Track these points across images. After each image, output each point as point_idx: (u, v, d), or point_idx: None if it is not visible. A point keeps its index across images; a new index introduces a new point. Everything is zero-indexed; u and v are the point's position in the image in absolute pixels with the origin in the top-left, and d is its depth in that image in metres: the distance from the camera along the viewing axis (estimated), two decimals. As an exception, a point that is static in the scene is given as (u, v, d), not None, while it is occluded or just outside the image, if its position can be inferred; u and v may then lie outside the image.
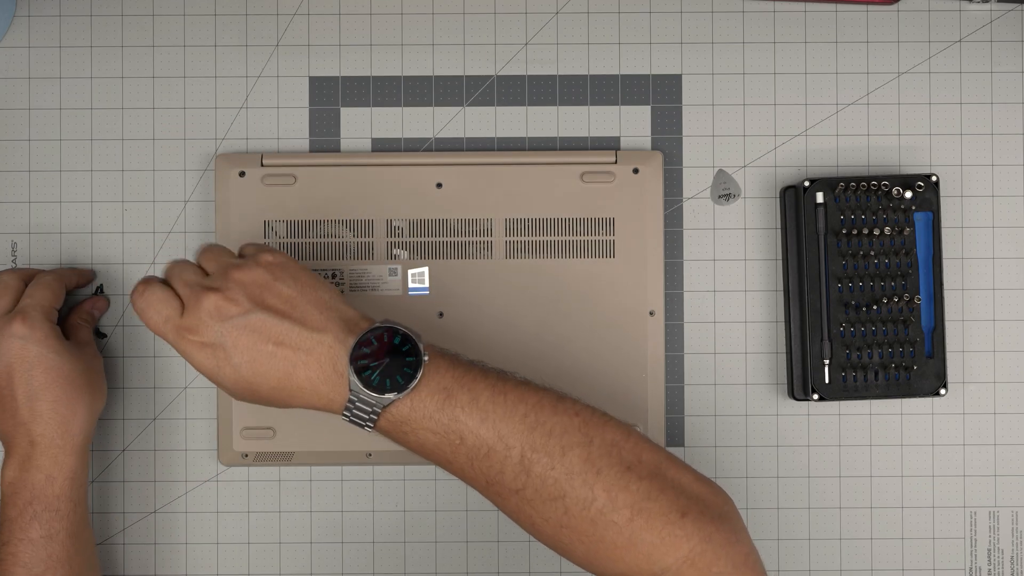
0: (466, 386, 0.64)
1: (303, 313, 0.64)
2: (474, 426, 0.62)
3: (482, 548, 0.81)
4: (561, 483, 0.62)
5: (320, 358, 0.63)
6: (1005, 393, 0.81)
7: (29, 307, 0.73)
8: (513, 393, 0.64)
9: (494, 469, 0.63)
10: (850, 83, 0.82)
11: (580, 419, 0.64)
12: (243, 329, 0.63)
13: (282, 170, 0.80)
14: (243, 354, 0.63)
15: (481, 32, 0.82)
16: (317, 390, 0.64)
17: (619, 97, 0.82)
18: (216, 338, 0.63)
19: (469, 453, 0.63)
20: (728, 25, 0.82)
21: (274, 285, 0.65)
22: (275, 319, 0.63)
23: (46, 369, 0.72)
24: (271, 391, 0.64)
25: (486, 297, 0.79)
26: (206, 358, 0.64)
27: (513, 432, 0.62)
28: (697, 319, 0.81)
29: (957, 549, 0.81)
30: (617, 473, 0.62)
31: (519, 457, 0.62)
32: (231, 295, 0.64)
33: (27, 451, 0.72)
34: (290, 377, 0.63)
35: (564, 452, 0.62)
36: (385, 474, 0.81)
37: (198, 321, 0.63)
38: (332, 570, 0.81)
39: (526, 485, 0.62)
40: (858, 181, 0.78)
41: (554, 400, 0.64)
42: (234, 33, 0.82)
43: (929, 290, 0.79)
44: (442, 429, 0.63)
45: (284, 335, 0.63)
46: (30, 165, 0.81)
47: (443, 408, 0.63)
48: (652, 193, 0.80)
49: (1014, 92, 0.82)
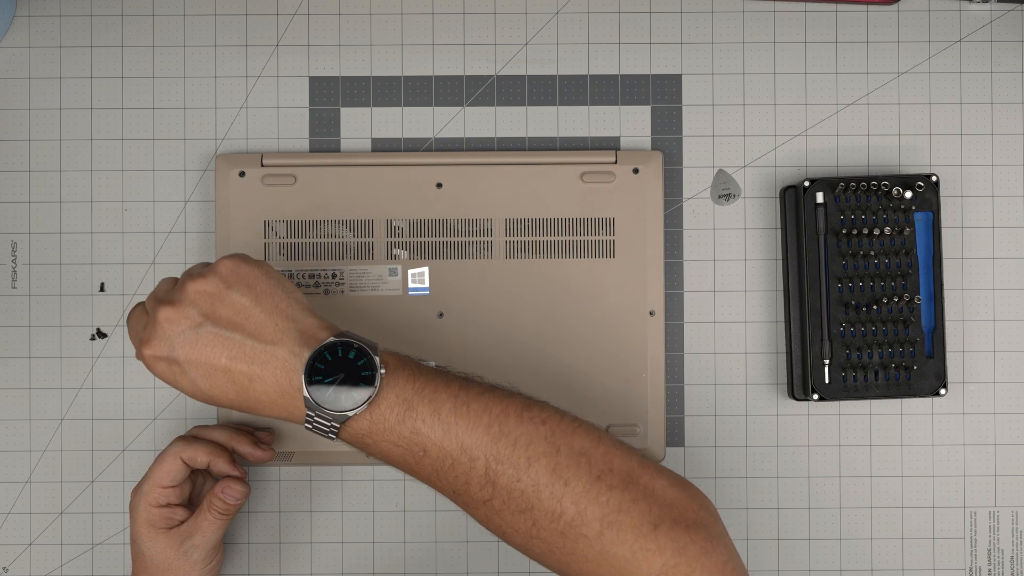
0: (427, 397, 0.62)
1: (256, 324, 0.62)
2: (436, 439, 0.61)
3: (482, 548, 0.81)
4: (528, 495, 0.60)
5: (275, 372, 0.62)
6: (1005, 393, 0.81)
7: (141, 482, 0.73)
8: (476, 402, 0.62)
9: (460, 480, 0.61)
10: (850, 83, 0.82)
11: (547, 427, 0.61)
12: (194, 344, 0.62)
13: (282, 170, 0.80)
14: (197, 369, 0.62)
15: (481, 32, 0.82)
16: (276, 403, 0.63)
17: (619, 97, 0.82)
18: (168, 352, 0.62)
19: (433, 465, 0.61)
20: (728, 25, 0.82)
21: (227, 295, 0.63)
22: (226, 332, 0.62)
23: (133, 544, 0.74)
24: (231, 403, 0.63)
25: (486, 297, 0.79)
26: (163, 371, 0.63)
27: (477, 443, 0.61)
28: (697, 319, 0.81)
29: (957, 549, 0.81)
30: (586, 484, 0.60)
31: (484, 469, 0.60)
32: (182, 308, 0.62)
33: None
34: (247, 391, 0.62)
35: (530, 463, 0.60)
36: (385, 474, 0.81)
37: (152, 334, 0.63)
38: (332, 570, 0.81)
39: (493, 496, 0.61)
40: (858, 181, 0.78)
41: (520, 408, 0.62)
42: (234, 33, 0.82)
43: (929, 290, 0.79)
44: (404, 442, 0.61)
45: (235, 350, 0.62)
46: (30, 165, 0.81)
47: (404, 421, 0.61)
48: (652, 193, 0.80)
49: (1014, 92, 0.82)
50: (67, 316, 0.81)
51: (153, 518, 0.72)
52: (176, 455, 0.72)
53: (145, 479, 0.73)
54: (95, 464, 0.81)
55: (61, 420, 0.81)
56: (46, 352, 0.81)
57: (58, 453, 0.81)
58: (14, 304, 0.81)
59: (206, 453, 0.73)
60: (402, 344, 0.78)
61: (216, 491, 0.73)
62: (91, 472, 0.81)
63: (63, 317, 0.81)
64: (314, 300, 0.79)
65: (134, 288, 0.81)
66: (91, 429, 0.80)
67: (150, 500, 0.72)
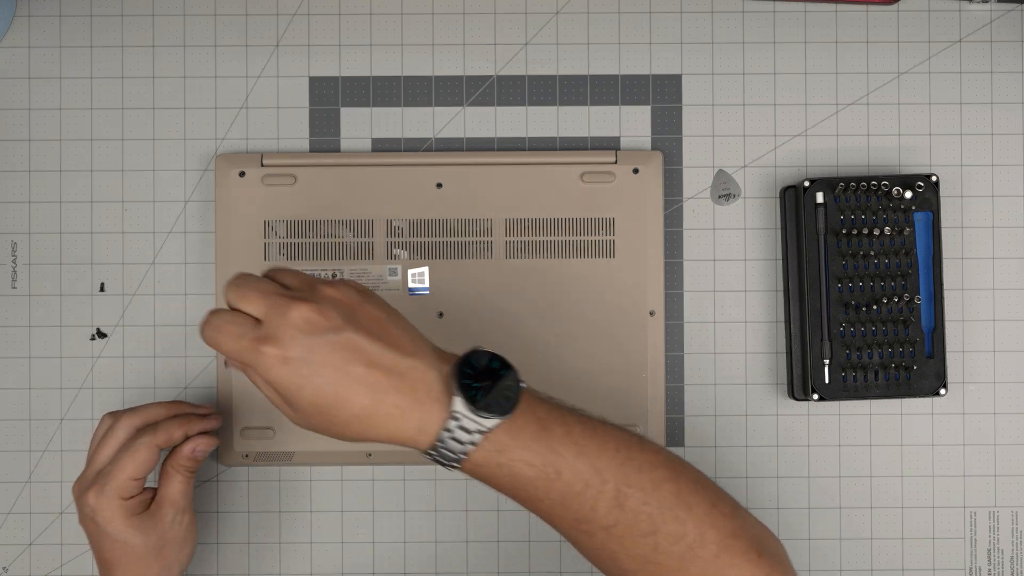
0: (558, 418, 0.61)
1: (393, 337, 0.60)
2: (571, 459, 0.60)
3: (482, 548, 0.81)
4: (654, 518, 0.61)
5: (414, 383, 0.59)
6: (1005, 393, 0.81)
7: (106, 479, 0.70)
8: (601, 428, 0.62)
9: (587, 505, 0.61)
10: (850, 83, 0.82)
11: (663, 456, 0.63)
12: (334, 346, 0.58)
13: (282, 170, 0.80)
14: (330, 374, 0.58)
15: (481, 32, 0.82)
16: (407, 417, 0.59)
17: (619, 97, 0.82)
18: (302, 353, 0.58)
19: (564, 489, 0.60)
20: (728, 25, 0.82)
21: (363, 305, 0.61)
22: (367, 340, 0.59)
23: (111, 547, 0.71)
24: (351, 418, 0.59)
25: (486, 297, 0.79)
26: (287, 375, 0.59)
27: (608, 466, 0.61)
28: (697, 319, 0.81)
29: (957, 549, 0.81)
30: (706, 509, 0.61)
31: (614, 492, 0.60)
32: (323, 309, 0.59)
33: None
34: (378, 403, 0.59)
35: (655, 487, 0.61)
36: (385, 474, 0.81)
37: (283, 332, 0.58)
38: (332, 570, 0.81)
39: (619, 521, 0.61)
40: (858, 181, 0.78)
41: (634, 436, 0.63)
42: (234, 33, 0.82)
43: (929, 290, 0.79)
44: (540, 461, 0.60)
45: (377, 357, 0.59)
46: (30, 165, 0.81)
47: (540, 438, 0.60)
48: (652, 193, 0.80)
49: (1014, 92, 0.82)
50: (67, 316, 0.81)
51: (131, 507, 0.71)
52: (151, 445, 0.71)
53: (109, 477, 0.70)
54: (95, 464, 0.81)
55: (61, 420, 0.81)
56: (46, 352, 0.81)
57: (58, 453, 0.81)
58: (14, 304, 0.81)
59: (178, 427, 0.72)
60: (402, 344, 0.78)
61: (186, 452, 0.72)
62: (91, 472, 0.81)
63: (63, 317, 0.81)
64: (314, 300, 0.79)
65: (134, 288, 0.81)
66: (91, 429, 0.80)
67: (123, 494, 0.71)
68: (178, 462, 0.73)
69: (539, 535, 0.81)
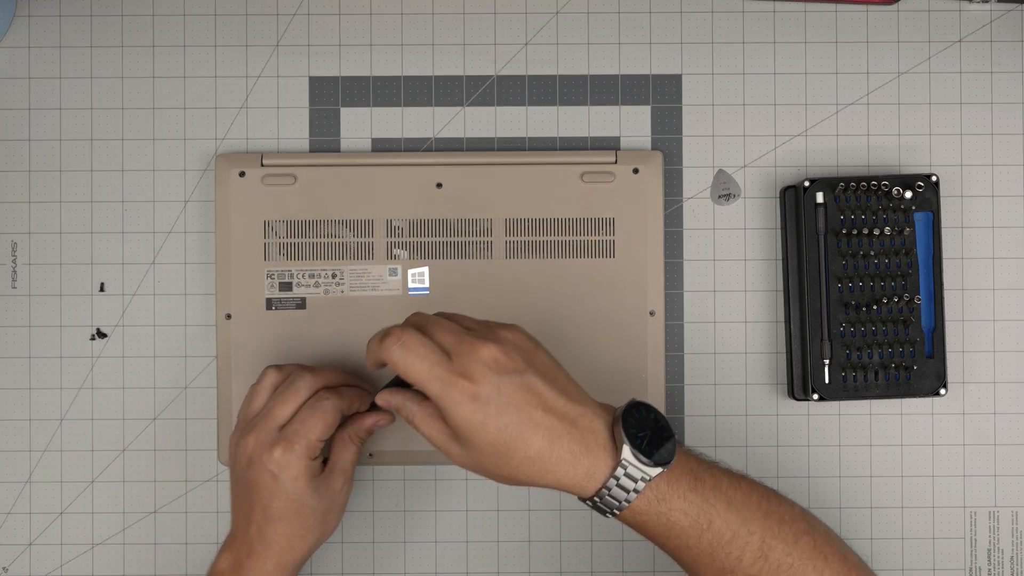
0: (707, 470, 0.64)
1: (563, 384, 0.63)
2: (722, 510, 0.63)
3: (482, 548, 0.81)
4: (796, 569, 0.63)
5: (584, 430, 0.62)
6: (1005, 393, 0.81)
7: (295, 437, 0.69)
8: (743, 483, 0.65)
9: (733, 556, 0.63)
10: (850, 83, 0.82)
11: (799, 510, 0.66)
12: (518, 387, 0.61)
13: (282, 170, 0.80)
14: (513, 414, 0.61)
15: (481, 32, 0.82)
16: (578, 462, 0.62)
17: (619, 97, 0.82)
18: (491, 391, 0.61)
19: (713, 539, 0.63)
20: (728, 25, 0.82)
21: (537, 352, 0.64)
22: (545, 384, 0.62)
23: (285, 505, 0.70)
24: (525, 460, 0.62)
25: (486, 297, 0.79)
26: (473, 411, 0.61)
27: (753, 518, 0.63)
28: (697, 319, 0.81)
29: (957, 549, 0.81)
30: (839, 561, 0.64)
31: (759, 543, 0.63)
32: (507, 350, 0.62)
33: (243, 558, 0.70)
34: (552, 447, 0.61)
35: (796, 539, 0.64)
36: (385, 474, 0.81)
37: (474, 369, 0.61)
38: (332, 570, 0.81)
39: (762, 572, 0.63)
40: (858, 181, 0.78)
41: (772, 490, 0.66)
42: (234, 33, 0.82)
43: (929, 290, 0.79)
44: (695, 511, 0.63)
45: (553, 402, 0.62)
46: (30, 165, 0.81)
47: (695, 488, 0.63)
48: (652, 193, 0.80)
49: (1014, 92, 0.82)
50: (67, 316, 0.81)
51: (315, 469, 0.71)
52: (339, 408, 0.71)
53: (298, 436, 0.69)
54: (95, 464, 0.81)
55: (61, 420, 0.81)
56: (46, 352, 0.81)
57: (58, 453, 0.81)
58: (14, 304, 0.81)
59: (358, 396, 0.72)
60: (402, 344, 0.78)
61: (367, 425, 0.73)
62: (91, 472, 0.81)
63: (63, 317, 0.81)
64: (314, 300, 0.79)
65: (134, 288, 0.81)
66: (91, 429, 0.80)
67: (312, 454, 0.70)
68: (356, 432, 0.73)
69: (539, 535, 0.81)
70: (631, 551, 0.81)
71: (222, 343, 0.79)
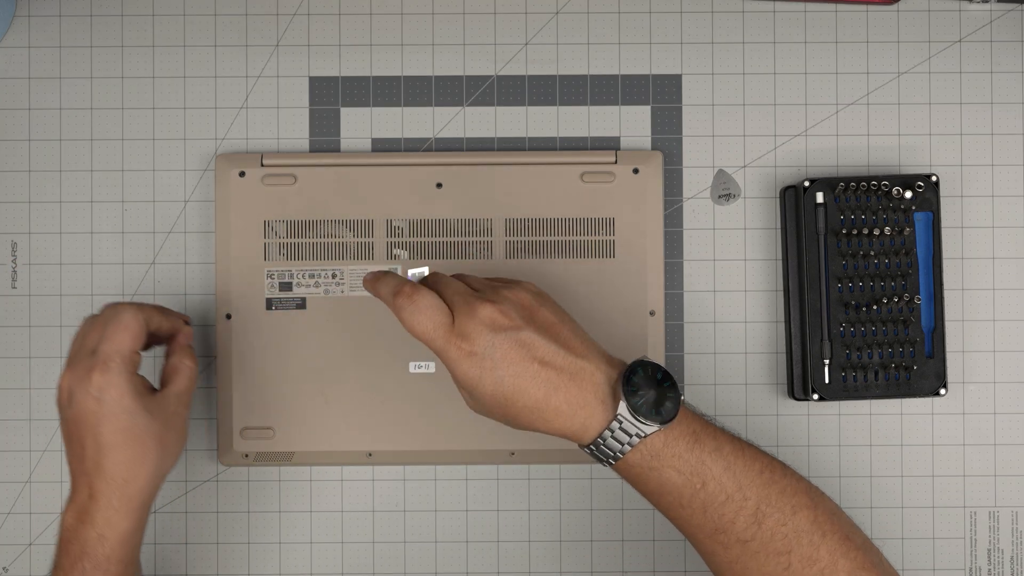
0: (710, 434, 0.65)
1: (566, 339, 0.65)
2: (718, 473, 0.64)
3: (482, 548, 0.81)
4: (790, 539, 0.64)
5: (582, 383, 0.64)
6: (1005, 393, 0.81)
7: (109, 355, 0.69)
8: (749, 449, 0.66)
9: (726, 518, 0.64)
10: (850, 83, 0.82)
11: (804, 484, 0.66)
12: (513, 343, 0.64)
13: (282, 170, 0.80)
14: (509, 368, 0.64)
15: (481, 32, 0.82)
16: (574, 414, 0.64)
17: (619, 97, 0.82)
18: (486, 348, 0.64)
19: (706, 499, 0.64)
20: (728, 25, 0.82)
21: (539, 309, 0.66)
22: (543, 339, 0.64)
23: (115, 428, 0.68)
24: (524, 409, 0.64)
25: (486, 297, 0.79)
26: (471, 367, 0.64)
27: (751, 485, 0.64)
28: (697, 319, 0.81)
29: (957, 549, 0.81)
30: (839, 539, 0.65)
31: (754, 509, 0.64)
32: (505, 309, 0.65)
33: (85, 502, 0.69)
34: (549, 398, 0.64)
35: (795, 511, 0.65)
36: (385, 474, 0.81)
37: (471, 329, 0.64)
38: (332, 570, 0.81)
39: (755, 536, 0.64)
40: (858, 181, 0.78)
41: (781, 463, 0.67)
42: (234, 33, 0.82)
43: (929, 290, 0.79)
44: (688, 470, 0.64)
45: (550, 356, 0.64)
46: (30, 165, 0.81)
47: (692, 449, 0.64)
48: (652, 193, 0.80)
49: (1014, 92, 0.82)
50: (67, 316, 0.81)
51: (140, 386, 0.70)
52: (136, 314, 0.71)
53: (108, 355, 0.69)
54: (95, 464, 0.81)
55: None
56: (46, 352, 0.81)
57: (58, 453, 0.81)
58: (14, 304, 0.81)
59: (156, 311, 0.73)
60: (404, 344, 0.78)
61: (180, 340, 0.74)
62: (91, 472, 0.81)
63: (63, 317, 0.81)
64: (314, 300, 0.79)
65: (134, 288, 0.81)
66: (91, 429, 0.80)
67: (131, 367, 0.70)
68: (180, 345, 0.74)
69: (539, 535, 0.81)
70: (631, 551, 0.81)
71: (222, 343, 0.79)
